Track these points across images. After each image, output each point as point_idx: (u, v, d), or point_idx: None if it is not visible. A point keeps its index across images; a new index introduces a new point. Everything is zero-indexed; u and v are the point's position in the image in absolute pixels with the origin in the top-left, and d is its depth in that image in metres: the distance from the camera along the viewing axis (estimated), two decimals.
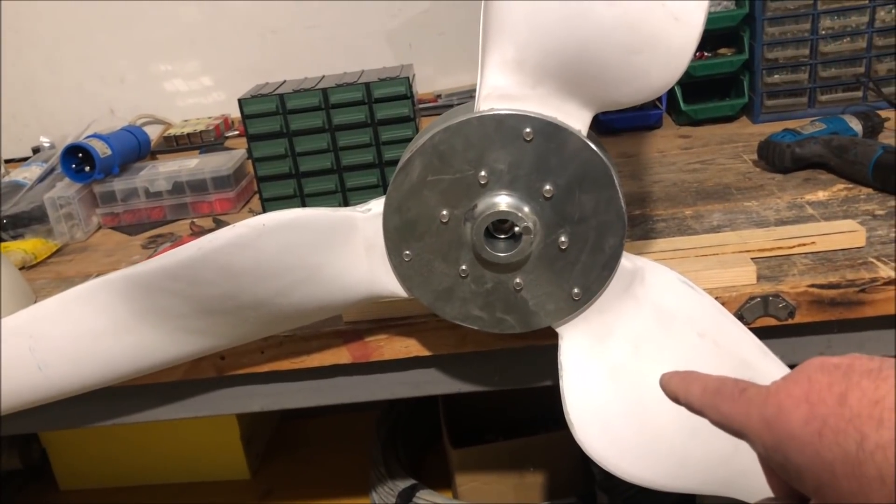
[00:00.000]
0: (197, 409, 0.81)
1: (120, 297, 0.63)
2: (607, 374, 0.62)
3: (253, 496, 1.53)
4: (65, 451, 1.58)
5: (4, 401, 0.70)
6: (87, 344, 0.66)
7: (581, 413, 0.62)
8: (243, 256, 0.60)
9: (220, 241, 0.59)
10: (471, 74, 1.56)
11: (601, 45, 0.53)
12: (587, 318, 0.62)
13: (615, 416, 0.62)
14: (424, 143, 0.57)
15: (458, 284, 0.62)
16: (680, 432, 0.62)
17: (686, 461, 0.63)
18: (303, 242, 0.60)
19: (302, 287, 0.63)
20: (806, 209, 0.85)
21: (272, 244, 0.60)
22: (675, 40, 0.52)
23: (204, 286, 0.62)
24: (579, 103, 0.56)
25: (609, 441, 0.62)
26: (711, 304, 0.63)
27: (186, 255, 0.60)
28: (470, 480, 1.33)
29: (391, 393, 0.80)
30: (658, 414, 0.61)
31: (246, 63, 1.55)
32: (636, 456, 0.63)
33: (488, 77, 0.56)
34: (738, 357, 0.62)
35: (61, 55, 1.57)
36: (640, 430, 0.62)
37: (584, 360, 0.62)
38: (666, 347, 0.62)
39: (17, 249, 1.02)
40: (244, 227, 0.59)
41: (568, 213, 0.58)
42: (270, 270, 0.61)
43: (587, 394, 0.62)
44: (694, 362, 0.61)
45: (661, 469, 0.63)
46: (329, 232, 0.61)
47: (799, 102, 1.17)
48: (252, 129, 0.99)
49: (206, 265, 0.60)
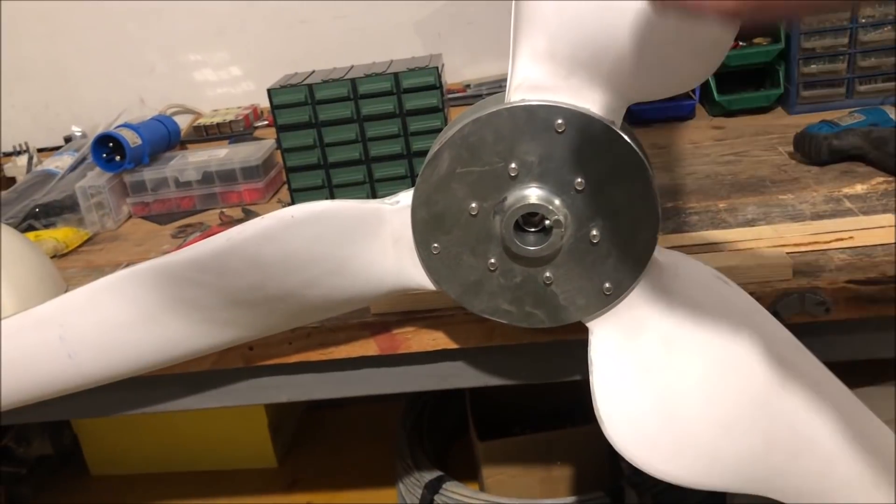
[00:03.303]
0: (224, 400, 0.82)
1: (148, 287, 0.63)
2: (638, 370, 0.61)
3: (280, 485, 1.54)
4: (96, 437, 1.60)
5: (35, 389, 0.70)
6: (116, 334, 0.67)
7: (611, 409, 0.61)
8: (271, 248, 0.60)
9: (249, 232, 0.59)
10: (500, 64, 1.56)
11: (635, 35, 0.52)
12: (618, 313, 0.61)
13: (646, 413, 0.61)
14: (453, 135, 0.57)
15: (487, 278, 0.61)
16: (712, 429, 0.61)
17: (717, 458, 0.62)
18: (331, 234, 0.60)
19: (329, 279, 0.62)
20: (843, 203, 0.84)
21: (300, 236, 0.60)
22: (712, 32, 0.51)
23: (231, 277, 0.61)
24: (612, 94, 0.55)
25: (640, 438, 0.61)
26: (746, 301, 0.61)
27: (215, 246, 0.60)
28: (496, 473, 1.32)
29: (418, 385, 0.79)
30: (690, 411, 0.60)
31: (275, 53, 1.55)
32: (667, 453, 0.62)
33: (519, 68, 0.55)
34: (772, 354, 0.61)
35: (92, 44, 1.58)
36: (672, 427, 0.61)
37: (615, 355, 0.61)
38: (699, 343, 0.61)
39: (49, 238, 1.02)
40: (272, 219, 0.59)
41: (600, 206, 0.57)
42: (298, 262, 0.61)
43: (618, 390, 0.61)
44: (727, 359, 0.60)
45: (693, 466, 0.62)
46: (357, 224, 0.61)
47: (836, 93, 1.14)
48: (281, 119, 0.98)
49: (235, 256, 0.60)
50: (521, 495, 1.27)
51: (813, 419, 0.60)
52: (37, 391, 0.71)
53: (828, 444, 0.60)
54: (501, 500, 1.25)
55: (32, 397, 0.71)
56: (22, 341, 0.67)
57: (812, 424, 0.60)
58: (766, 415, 0.60)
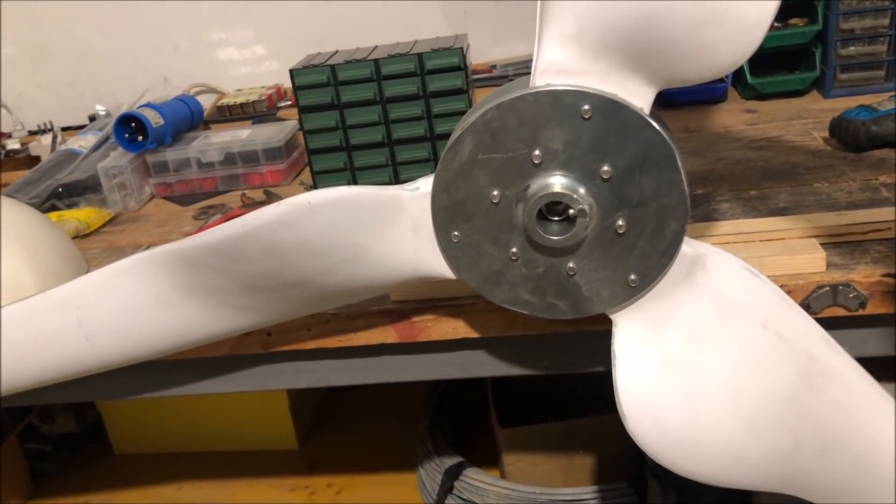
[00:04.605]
0: (243, 385, 0.81)
1: (165, 271, 0.63)
2: (663, 364, 0.60)
3: (300, 467, 1.54)
4: (119, 416, 1.62)
5: (52, 371, 0.70)
6: (133, 317, 0.66)
7: (634, 403, 0.60)
8: (288, 235, 0.59)
9: (264, 218, 0.58)
10: (527, 44, 1.53)
11: (667, 17, 0.50)
12: (643, 305, 0.60)
13: (669, 408, 0.60)
14: (476, 120, 0.55)
15: (508, 267, 0.59)
16: (737, 426, 0.59)
17: (742, 456, 0.60)
18: (348, 221, 0.59)
19: (347, 266, 0.61)
20: (881, 192, 0.81)
21: (317, 223, 0.58)
22: (749, 14, 0.49)
23: (248, 263, 0.61)
24: (642, 79, 0.53)
25: (662, 433, 0.60)
26: (776, 294, 0.59)
27: (230, 231, 0.59)
28: (517, 460, 1.31)
29: (437, 374, 0.78)
30: (714, 406, 0.59)
31: (299, 32, 1.54)
32: (689, 449, 0.60)
33: (545, 50, 0.53)
34: (803, 350, 0.58)
35: (117, 23, 1.58)
36: (695, 423, 0.60)
37: (639, 349, 0.60)
38: (725, 338, 0.59)
39: (71, 218, 1.02)
40: (288, 206, 0.58)
41: (627, 195, 0.55)
42: (315, 249, 0.60)
43: (641, 384, 0.60)
44: (755, 355, 0.58)
45: (715, 463, 0.61)
46: (375, 211, 0.59)
47: (875, 76, 1.11)
48: (303, 100, 0.97)
49: (250, 243, 0.59)
50: (542, 483, 1.26)
51: (843, 418, 0.58)
52: (54, 373, 0.71)
53: (859, 444, 0.58)
54: (522, 487, 1.24)
55: (50, 379, 0.71)
56: (40, 323, 0.67)
57: (842, 423, 0.58)
58: (793, 412, 0.58)
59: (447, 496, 1.28)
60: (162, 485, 1.55)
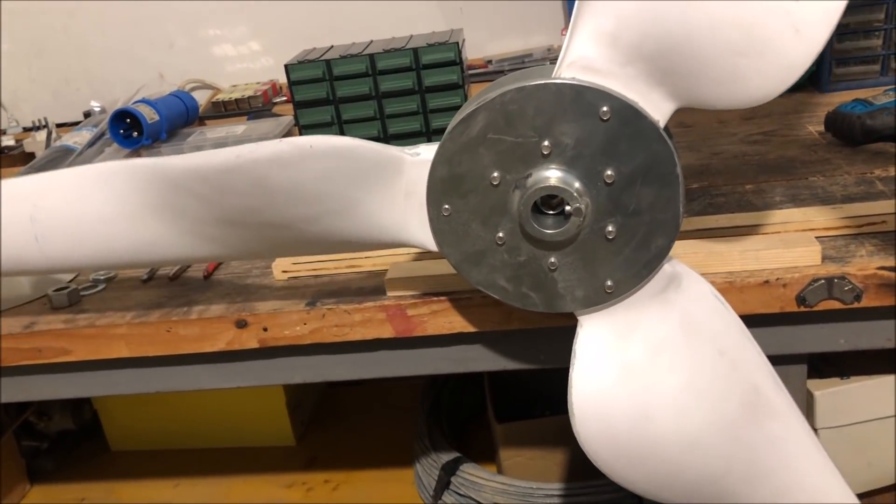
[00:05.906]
0: (238, 380, 0.81)
1: (137, 186, 0.61)
2: (621, 371, 0.60)
3: (298, 463, 1.54)
4: (116, 413, 1.61)
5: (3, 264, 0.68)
6: (92, 225, 0.64)
7: (586, 404, 0.60)
8: (281, 174, 0.57)
9: (260, 153, 0.56)
10: (523, 40, 1.53)
11: (707, 38, 0.49)
12: (613, 311, 0.60)
13: (619, 415, 0.60)
14: (494, 99, 0.54)
15: (492, 251, 0.59)
16: (679, 443, 0.60)
17: (678, 474, 0.61)
18: (345, 173, 0.58)
19: (331, 218, 0.60)
20: (876, 185, 0.81)
21: (313, 168, 0.57)
22: (789, 53, 0.49)
23: (231, 196, 0.59)
24: (665, 94, 0.53)
25: (608, 439, 0.60)
26: (738, 324, 0.60)
27: (222, 159, 0.57)
28: (514, 455, 1.31)
29: (433, 368, 0.78)
30: (662, 421, 0.59)
31: (295, 28, 1.53)
32: (631, 459, 0.61)
33: (577, 45, 0.53)
34: (750, 382, 0.59)
35: (112, 20, 1.58)
36: (642, 434, 0.60)
37: (601, 353, 0.60)
38: (685, 357, 0.59)
39: None
40: (289, 145, 0.56)
41: (623, 203, 0.56)
42: (305, 194, 0.58)
43: (596, 387, 0.60)
44: (708, 379, 0.59)
45: (654, 477, 0.62)
46: (374, 168, 0.58)
47: (871, 70, 1.11)
48: (298, 95, 0.97)
49: (241, 175, 0.57)
50: (539, 478, 1.26)
51: (773, 452, 0.60)
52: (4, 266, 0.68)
53: (782, 479, 0.60)
54: (519, 482, 1.24)
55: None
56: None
57: (771, 457, 0.60)
58: (731, 439, 0.60)
59: (444, 492, 1.28)
60: (159, 481, 1.54)
